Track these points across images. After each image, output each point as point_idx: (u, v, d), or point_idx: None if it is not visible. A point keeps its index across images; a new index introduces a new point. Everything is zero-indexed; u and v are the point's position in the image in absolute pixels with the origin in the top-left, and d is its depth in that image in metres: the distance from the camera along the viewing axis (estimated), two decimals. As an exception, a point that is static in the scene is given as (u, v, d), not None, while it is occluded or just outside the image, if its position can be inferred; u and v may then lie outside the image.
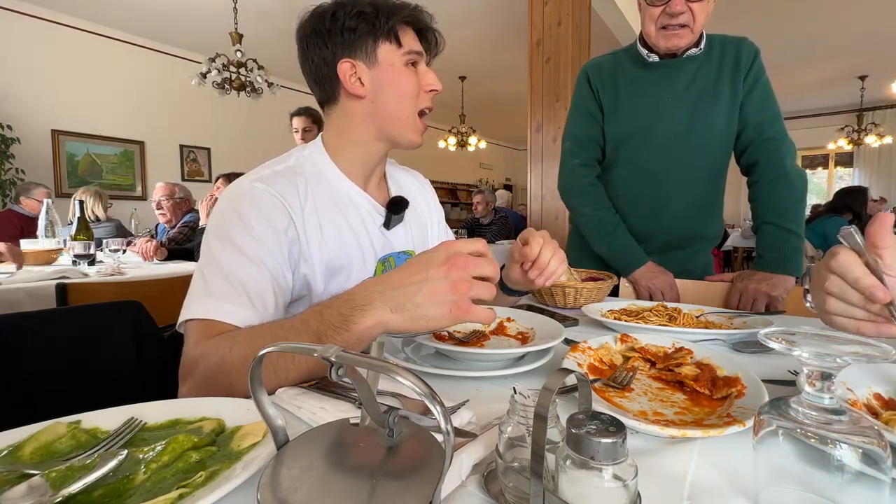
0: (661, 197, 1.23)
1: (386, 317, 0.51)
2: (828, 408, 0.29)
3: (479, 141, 7.28)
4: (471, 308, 0.51)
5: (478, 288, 0.52)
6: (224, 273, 0.65)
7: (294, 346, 0.31)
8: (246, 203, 0.69)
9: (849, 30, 4.96)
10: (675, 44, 1.10)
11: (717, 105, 1.16)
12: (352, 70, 0.75)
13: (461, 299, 0.50)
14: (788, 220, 1.09)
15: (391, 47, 0.75)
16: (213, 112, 5.54)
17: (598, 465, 0.26)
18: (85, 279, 1.63)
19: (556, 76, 2.86)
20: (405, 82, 0.76)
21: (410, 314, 0.51)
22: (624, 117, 1.24)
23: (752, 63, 1.14)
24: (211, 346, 0.58)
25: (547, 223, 2.96)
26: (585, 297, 1.05)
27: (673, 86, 1.18)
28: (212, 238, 0.68)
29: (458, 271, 0.51)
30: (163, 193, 2.96)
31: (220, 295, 0.63)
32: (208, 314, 0.62)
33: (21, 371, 0.75)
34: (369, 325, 0.51)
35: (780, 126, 1.15)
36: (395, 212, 0.85)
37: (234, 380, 0.55)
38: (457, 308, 0.50)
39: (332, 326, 0.52)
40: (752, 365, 0.59)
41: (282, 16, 4.46)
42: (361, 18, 0.73)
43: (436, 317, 0.50)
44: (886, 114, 7.87)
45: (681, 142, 1.20)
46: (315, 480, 0.27)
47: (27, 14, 4.19)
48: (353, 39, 0.74)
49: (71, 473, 0.34)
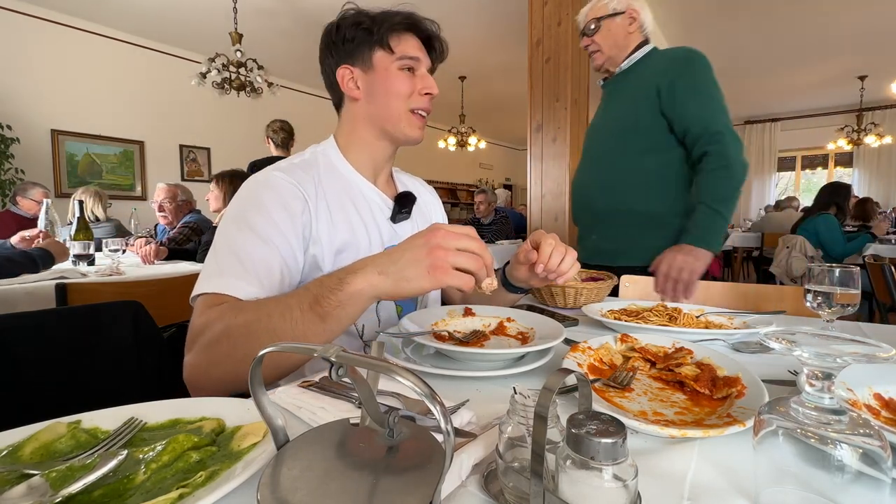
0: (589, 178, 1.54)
1: (374, 279, 0.56)
2: (828, 408, 0.29)
3: (478, 141, 7.28)
4: (449, 272, 0.54)
5: (458, 256, 0.55)
6: (236, 252, 0.69)
7: (294, 346, 0.31)
8: (264, 189, 0.75)
9: (849, 30, 4.96)
10: (595, 65, 1.52)
11: (636, 103, 1.38)
12: (350, 75, 0.84)
13: (439, 262, 0.54)
14: (718, 204, 1.25)
15: (385, 53, 0.82)
16: (213, 112, 5.53)
17: (598, 465, 0.26)
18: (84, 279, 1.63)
19: (556, 76, 2.85)
20: (397, 84, 0.83)
21: (394, 277, 0.55)
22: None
23: (680, 69, 1.32)
24: (216, 314, 0.61)
25: (547, 223, 2.95)
26: (585, 297, 1.05)
27: (608, 95, 1.53)
28: (229, 221, 0.73)
29: (437, 239, 0.55)
30: (165, 195, 2.96)
31: (230, 272, 0.66)
32: (217, 289, 0.65)
33: (21, 371, 0.75)
34: (360, 287, 0.56)
35: (723, 121, 1.29)
36: (402, 205, 0.90)
37: (236, 343, 0.58)
38: (434, 270, 0.54)
39: (329, 288, 0.56)
40: (752, 365, 0.59)
41: (282, 16, 4.45)
42: (358, 29, 0.81)
43: (414, 277, 0.54)
44: (886, 114, 7.86)
45: (599, 132, 1.53)
46: (315, 480, 0.27)
47: (27, 14, 4.19)
48: (352, 48, 0.83)
49: (71, 473, 0.34)
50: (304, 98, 6.66)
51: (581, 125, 2.95)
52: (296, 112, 6.49)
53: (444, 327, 0.77)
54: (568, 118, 2.83)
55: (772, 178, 9.04)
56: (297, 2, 4.17)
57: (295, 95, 6.53)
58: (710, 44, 5.38)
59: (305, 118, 6.50)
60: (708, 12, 4.59)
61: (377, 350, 0.36)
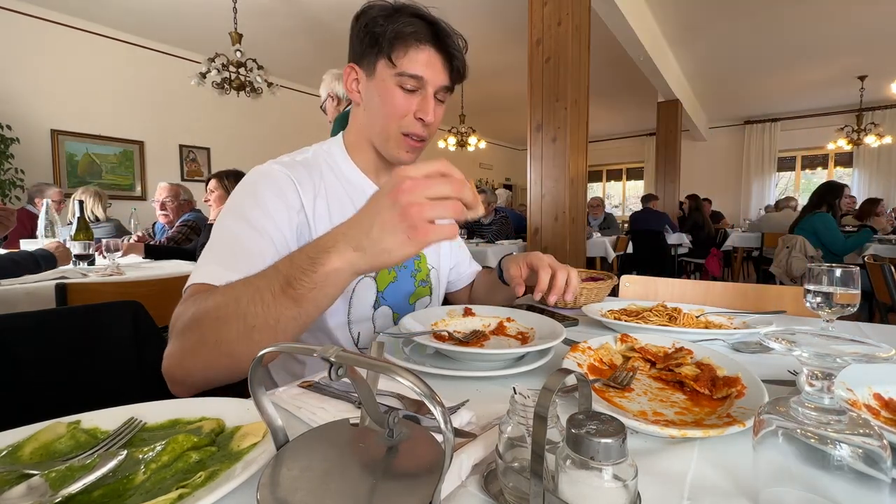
0: None
1: (350, 256, 0.49)
2: (828, 408, 0.29)
3: (478, 141, 7.28)
4: (429, 230, 0.47)
5: (435, 208, 0.47)
6: (229, 242, 0.68)
7: (294, 347, 0.31)
8: (262, 181, 0.74)
9: (849, 30, 4.96)
10: None
11: None
12: (354, 76, 0.81)
13: (416, 223, 0.46)
14: None
15: (387, 64, 0.75)
16: (213, 112, 5.53)
17: (598, 465, 0.26)
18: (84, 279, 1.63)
19: (556, 76, 2.85)
20: (391, 101, 0.76)
21: (371, 251, 0.49)
22: None
23: None
24: (191, 301, 0.59)
25: (546, 224, 2.95)
26: (585, 297, 1.05)
27: None
28: (226, 213, 0.72)
29: (406, 195, 0.46)
30: (168, 194, 2.96)
31: (221, 262, 0.65)
32: (204, 279, 0.63)
33: (21, 371, 0.75)
34: (337, 267, 0.50)
35: None
36: None
37: (205, 330, 0.55)
38: (414, 232, 0.47)
39: (301, 269, 0.51)
40: (752, 365, 0.59)
41: (282, 16, 4.45)
42: (370, 31, 0.75)
43: (393, 248, 0.48)
44: (886, 114, 7.86)
45: None
46: (315, 480, 0.27)
47: (27, 14, 4.19)
48: (362, 50, 0.77)
49: (70, 473, 0.34)
50: (305, 98, 6.66)
51: (581, 125, 2.95)
52: (296, 112, 6.51)
53: (444, 327, 0.77)
54: (568, 118, 2.82)
55: (772, 178, 9.05)
56: (297, 2, 4.17)
57: (295, 95, 6.53)
58: (711, 44, 5.39)
59: (305, 118, 6.52)
60: (708, 12, 4.59)
61: (377, 350, 0.36)
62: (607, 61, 5.54)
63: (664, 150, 6.83)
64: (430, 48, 0.76)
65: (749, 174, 9.18)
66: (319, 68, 2.50)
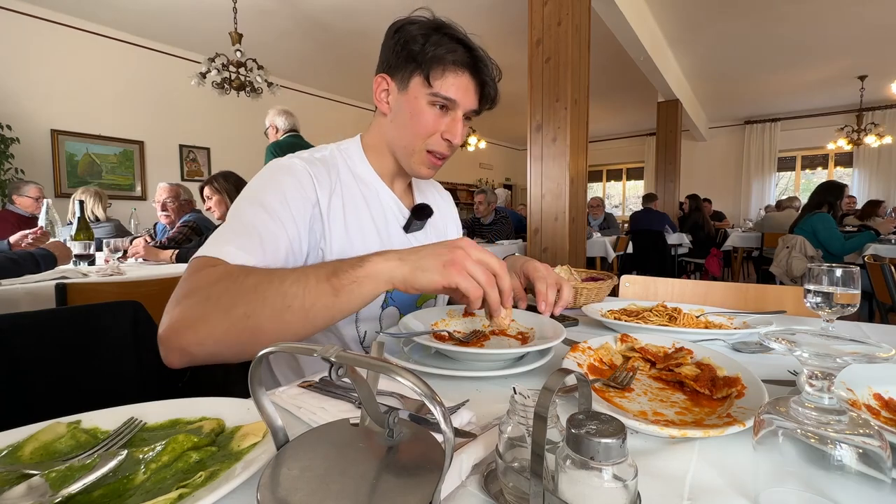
0: None
1: (393, 263, 0.56)
2: (828, 408, 0.29)
3: (478, 141, 7.28)
4: (463, 271, 0.55)
5: (477, 266, 0.56)
6: (244, 225, 0.68)
7: (294, 346, 0.31)
8: (281, 171, 0.76)
9: (849, 30, 4.96)
10: None
11: None
12: (385, 86, 0.82)
13: (457, 260, 0.55)
14: None
15: (421, 82, 0.77)
16: (213, 112, 5.53)
17: (598, 465, 0.26)
18: (84, 279, 1.63)
19: (556, 76, 2.85)
20: (421, 118, 0.79)
21: (411, 265, 0.56)
22: None
23: None
24: (220, 272, 0.60)
25: (547, 223, 2.95)
26: (585, 297, 1.05)
27: None
28: (242, 199, 0.73)
29: (461, 244, 0.57)
30: (169, 194, 2.96)
31: (233, 241, 0.65)
32: (216, 254, 0.63)
33: (21, 371, 0.75)
34: (380, 268, 0.56)
35: None
36: (418, 217, 0.90)
37: (237, 299, 0.55)
38: (450, 265, 0.55)
39: (350, 264, 0.57)
40: (752, 365, 0.59)
41: (282, 16, 4.45)
42: (409, 48, 0.76)
43: (430, 269, 0.55)
44: (886, 114, 7.85)
45: None
46: (315, 481, 0.27)
47: (27, 14, 4.19)
48: (397, 63, 0.78)
49: (71, 473, 0.34)
50: (305, 98, 6.66)
51: (581, 125, 2.95)
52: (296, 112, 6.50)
53: (444, 327, 0.77)
54: (568, 118, 2.82)
55: (772, 178, 9.04)
56: (297, 2, 4.17)
57: (295, 95, 6.53)
58: (711, 44, 5.39)
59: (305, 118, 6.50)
60: (708, 12, 4.59)
61: (377, 350, 0.36)
62: (607, 61, 5.54)
63: (664, 150, 6.83)
64: (467, 74, 0.78)
65: (749, 174, 9.18)
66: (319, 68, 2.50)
